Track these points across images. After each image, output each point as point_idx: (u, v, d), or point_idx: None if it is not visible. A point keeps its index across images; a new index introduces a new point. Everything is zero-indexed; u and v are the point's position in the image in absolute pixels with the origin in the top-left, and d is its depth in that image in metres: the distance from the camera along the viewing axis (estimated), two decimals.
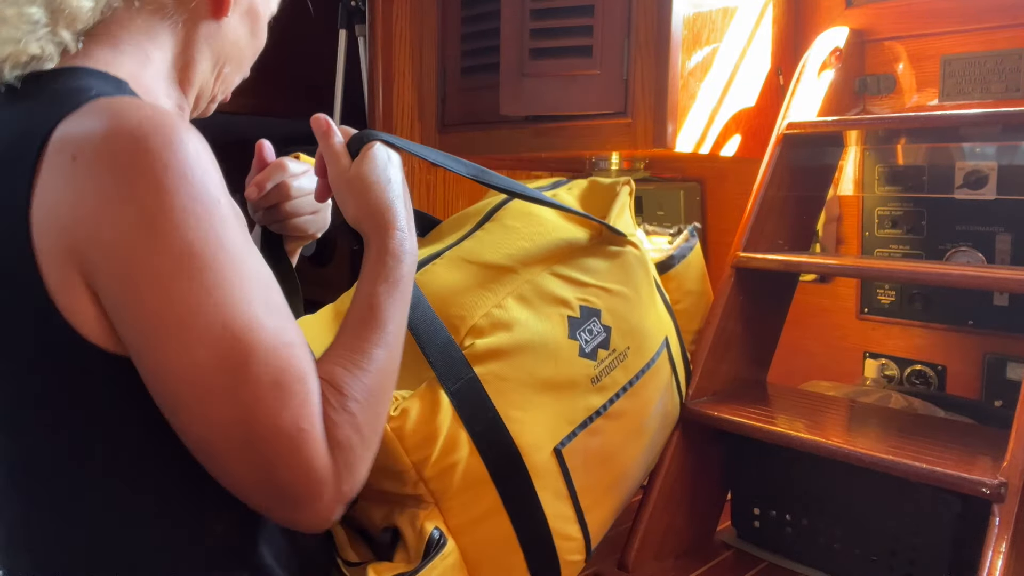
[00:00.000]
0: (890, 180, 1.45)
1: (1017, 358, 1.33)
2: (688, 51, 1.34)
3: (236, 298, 0.64)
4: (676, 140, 1.34)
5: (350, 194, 0.83)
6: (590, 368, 0.95)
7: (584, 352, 0.94)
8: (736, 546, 1.25)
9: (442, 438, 0.84)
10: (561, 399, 0.92)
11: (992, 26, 1.33)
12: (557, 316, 0.94)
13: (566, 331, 0.94)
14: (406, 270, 0.79)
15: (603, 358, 0.97)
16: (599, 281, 1.01)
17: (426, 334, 0.86)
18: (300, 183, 0.98)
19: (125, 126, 0.63)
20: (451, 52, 1.66)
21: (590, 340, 0.96)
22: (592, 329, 0.96)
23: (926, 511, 1.02)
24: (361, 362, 0.70)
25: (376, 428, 0.70)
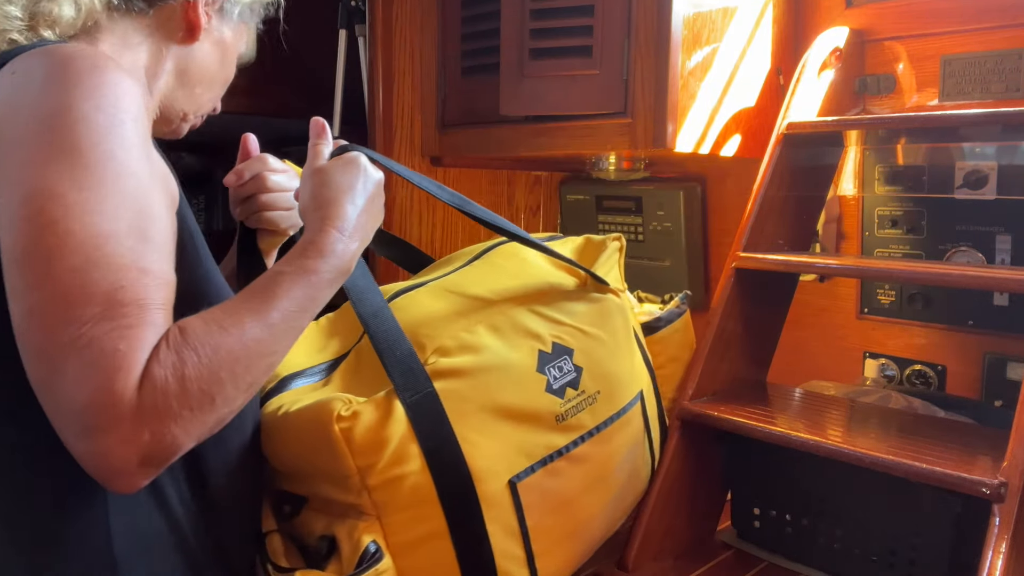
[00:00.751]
0: (890, 180, 1.45)
1: (1017, 358, 1.32)
2: (688, 51, 1.34)
3: (104, 207, 0.65)
4: (676, 140, 1.34)
5: (308, 185, 0.84)
6: (556, 405, 0.93)
7: (551, 388, 0.93)
8: (736, 546, 1.25)
9: (392, 447, 0.82)
10: (522, 431, 0.90)
11: (992, 26, 1.33)
12: (527, 348, 0.93)
13: (535, 364, 0.92)
14: (325, 267, 0.76)
15: (571, 397, 0.95)
16: (576, 322, 1.00)
17: (385, 343, 0.85)
18: (278, 178, 1.00)
19: (60, 51, 0.72)
20: (451, 52, 1.66)
21: (559, 377, 0.94)
22: (563, 366, 0.95)
23: (926, 511, 1.02)
24: (225, 322, 0.67)
25: (208, 392, 0.64)
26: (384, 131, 1.68)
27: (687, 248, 1.70)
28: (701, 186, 1.72)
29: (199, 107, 0.96)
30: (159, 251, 0.68)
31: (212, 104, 0.99)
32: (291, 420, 0.85)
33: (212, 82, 0.95)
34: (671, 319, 1.21)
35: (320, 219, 0.80)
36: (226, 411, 0.68)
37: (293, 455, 0.88)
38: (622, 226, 1.80)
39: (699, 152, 1.40)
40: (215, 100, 0.99)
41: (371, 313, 0.86)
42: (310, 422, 0.82)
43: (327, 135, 0.90)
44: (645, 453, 1.12)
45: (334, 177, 0.83)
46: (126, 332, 0.61)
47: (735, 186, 1.66)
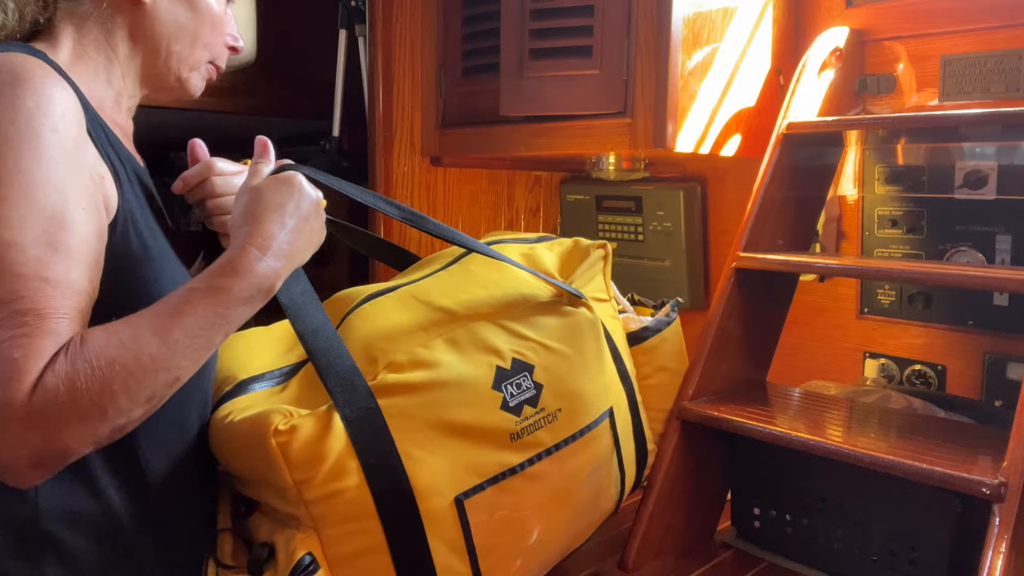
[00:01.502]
0: (890, 180, 1.45)
1: (1017, 358, 1.32)
2: (688, 51, 1.34)
3: (9, 217, 0.67)
4: (676, 140, 1.34)
5: (239, 203, 0.83)
6: (511, 423, 0.91)
7: (507, 406, 0.91)
8: (736, 546, 1.25)
9: (329, 462, 0.81)
10: (472, 448, 0.88)
11: (992, 26, 1.33)
12: (485, 364, 0.91)
13: (491, 380, 0.91)
14: (239, 286, 0.76)
15: (528, 415, 0.92)
16: (541, 337, 0.97)
17: (325, 359, 0.84)
18: (226, 181, 0.97)
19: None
20: (451, 52, 1.66)
21: (516, 394, 0.92)
22: (521, 383, 0.93)
23: (926, 511, 1.02)
24: (125, 336, 0.69)
25: (99, 403, 0.67)
26: (384, 131, 1.68)
27: (687, 248, 1.70)
28: (701, 186, 1.72)
29: (192, 62, 0.94)
30: (70, 260, 0.70)
31: (210, 53, 0.95)
32: (234, 429, 0.85)
33: (193, 34, 0.92)
34: (659, 328, 1.17)
35: (243, 236, 0.79)
36: (121, 421, 0.69)
37: (237, 463, 0.89)
38: (622, 226, 1.80)
39: (699, 152, 1.40)
40: (213, 47, 0.95)
41: (311, 330, 0.85)
42: (249, 434, 0.83)
43: (269, 154, 0.90)
44: (613, 471, 1.07)
45: (265, 195, 0.82)
46: (22, 341, 0.64)
47: (735, 186, 1.66)
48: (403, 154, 1.71)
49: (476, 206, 1.84)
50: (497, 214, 1.88)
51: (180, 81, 0.94)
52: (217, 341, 0.76)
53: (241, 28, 1.74)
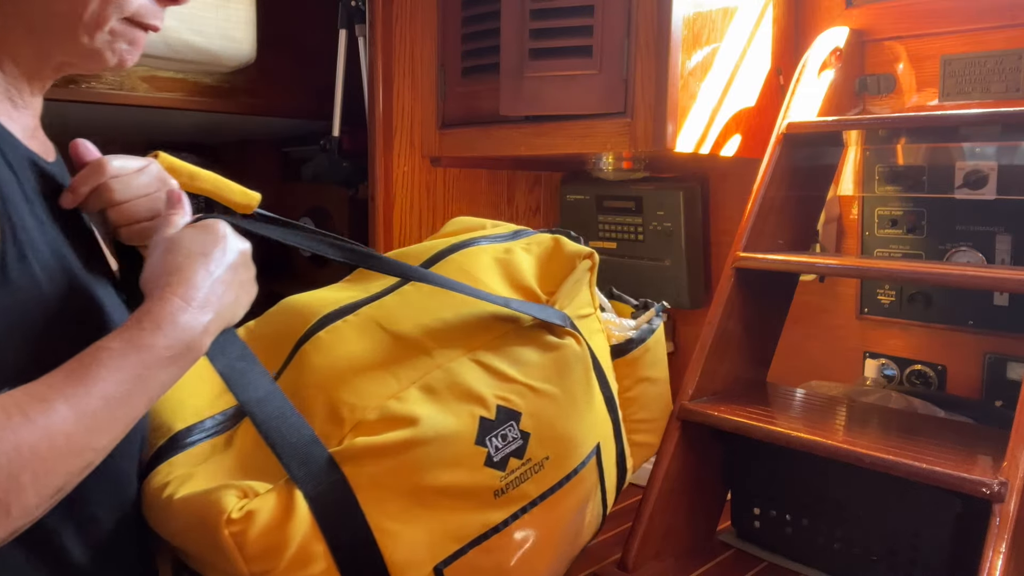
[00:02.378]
0: (890, 180, 1.45)
1: (1017, 358, 1.32)
2: (688, 51, 1.34)
3: None
4: (676, 140, 1.34)
5: (154, 254, 0.72)
6: (495, 480, 0.81)
7: (492, 461, 0.81)
8: (736, 546, 1.25)
9: (292, 550, 0.71)
10: (453, 512, 0.79)
11: (992, 26, 1.33)
12: (468, 416, 0.81)
13: (474, 435, 0.80)
14: (163, 342, 0.64)
15: (514, 468, 0.83)
16: (526, 377, 0.86)
17: (277, 432, 0.73)
18: (126, 183, 0.79)
19: None
20: (451, 52, 1.66)
21: (502, 447, 0.82)
22: (507, 434, 0.82)
23: (926, 511, 1.02)
24: (31, 410, 0.56)
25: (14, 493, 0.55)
26: (384, 131, 1.68)
27: (687, 248, 1.70)
28: (701, 186, 1.71)
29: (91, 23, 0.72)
30: None
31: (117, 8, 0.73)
32: (177, 510, 0.74)
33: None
34: (643, 338, 1.09)
35: (160, 287, 0.67)
36: (22, 523, 0.57)
37: (181, 542, 0.77)
38: (622, 226, 1.80)
39: (699, 152, 1.40)
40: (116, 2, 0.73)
41: (255, 400, 0.73)
42: (197, 519, 0.72)
43: (183, 207, 0.78)
44: (597, 506, 0.99)
45: (184, 243, 0.71)
46: None
47: (735, 186, 1.66)
48: (403, 154, 1.71)
49: (476, 206, 1.84)
50: (497, 214, 1.88)
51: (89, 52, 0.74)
52: (137, 412, 0.64)
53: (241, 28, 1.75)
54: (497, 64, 1.49)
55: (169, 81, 1.76)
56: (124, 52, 0.76)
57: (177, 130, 2.37)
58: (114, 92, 1.69)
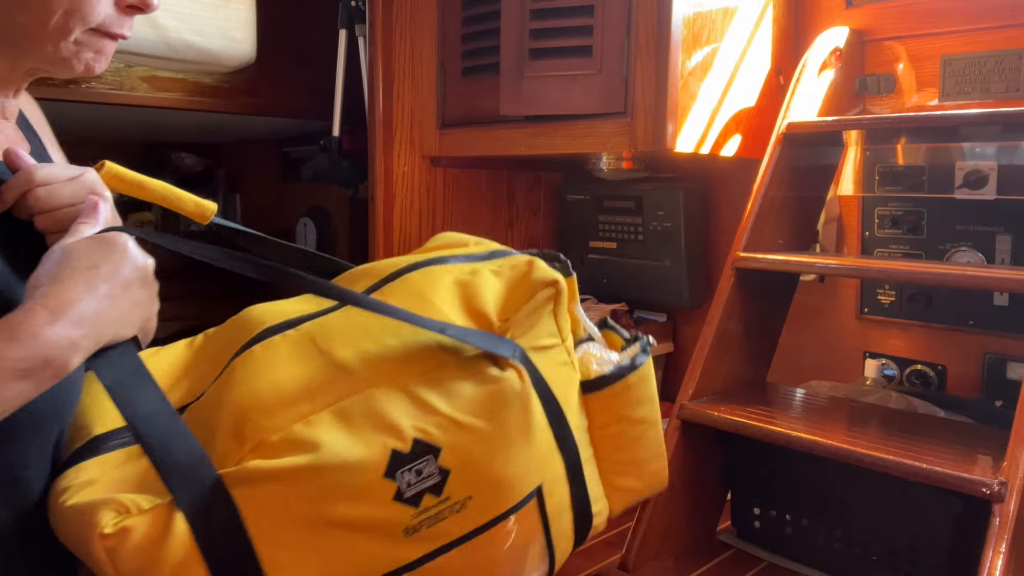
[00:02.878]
0: (890, 180, 1.45)
1: (1017, 358, 1.32)
2: (688, 51, 1.34)
3: None
4: (676, 140, 1.34)
5: (44, 263, 0.71)
6: (406, 516, 0.75)
7: (402, 496, 0.75)
8: (736, 546, 1.25)
9: (168, 570, 0.68)
10: (356, 547, 0.75)
11: (992, 26, 1.33)
12: (378, 446, 0.75)
13: (384, 467, 0.75)
14: (16, 355, 0.62)
15: (428, 506, 0.77)
16: (453, 410, 0.80)
17: (162, 449, 0.70)
18: (54, 191, 0.78)
19: None
20: (451, 52, 1.66)
21: (415, 483, 0.76)
22: (422, 469, 0.76)
23: (926, 511, 1.02)
24: None
25: None
26: (384, 131, 1.68)
27: (687, 248, 1.70)
28: (701, 186, 1.72)
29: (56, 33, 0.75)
30: None
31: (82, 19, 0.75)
32: (64, 517, 0.72)
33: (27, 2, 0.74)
34: (620, 375, 0.98)
35: (36, 297, 0.66)
36: None
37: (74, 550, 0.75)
38: (622, 226, 1.80)
39: (699, 152, 1.40)
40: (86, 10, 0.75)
41: (143, 417, 0.72)
42: (76, 530, 0.71)
43: (95, 217, 0.77)
44: (537, 553, 0.90)
45: (76, 255, 0.70)
46: None
47: (735, 186, 1.66)
48: (403, 154, 1.71)
49: (476, 206, 1.84)
50: (497, 214, 1.88)
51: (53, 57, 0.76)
52: None
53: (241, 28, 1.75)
54: (497, 64, 1.49)
55: (169, 81, 1.76)
56: (91, 60, 0.78)
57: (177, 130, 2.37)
58: (114, 92, 1.69)
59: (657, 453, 1.00)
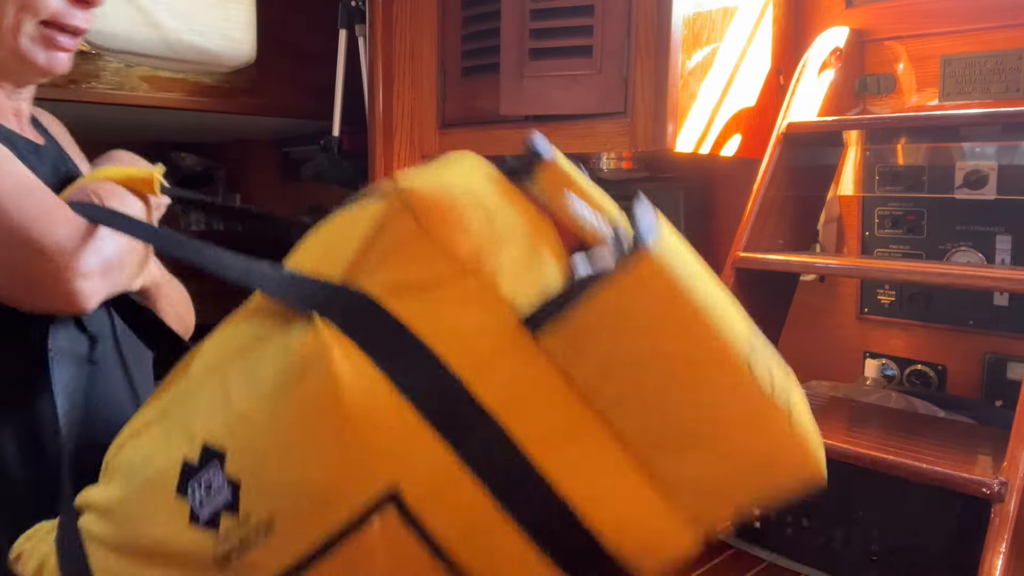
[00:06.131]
0: (890, 180, 1.45)
1: (1017, 358, 1.32)
2: (688, 51, 1.34)
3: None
4: (676, 140, 1.34)
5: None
6: (208, 543, 0.58)
7: (197, 518, 0.59)
8: (736, 546, 1.25)
9: None
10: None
11: (992, 26, 1.33)
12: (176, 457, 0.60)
13: (174, 483, 0.60)
14: None
15: (229, 529, 0.58)
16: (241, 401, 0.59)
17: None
18: None
19: None
20: (451, 52, 1.66)
21: (206, 500, 0.58)
22: (211, 482, 0.58)
23: (926, 511, 1.02)
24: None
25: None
26: (384, 131, 1.68)
27: None
28: (701, 186, 1.71)
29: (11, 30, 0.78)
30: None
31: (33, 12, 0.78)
32: None
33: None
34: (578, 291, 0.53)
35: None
36: None
37: None
38: None
39: (699, 152, 1.40)
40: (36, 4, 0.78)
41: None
42: None
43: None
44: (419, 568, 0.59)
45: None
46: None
47: (735, 186, 1.66)
48: (403, 154, 1.71)
49: None
50: None
51: (16, 56, 0.80)
52: None
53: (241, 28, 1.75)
54: (497, 64, 1.49)
55: (169, 81, 1.76)
56: (50, 55, 0.81)
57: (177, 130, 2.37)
58: (114, 92, 1.69)
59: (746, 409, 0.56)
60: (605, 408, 0.55)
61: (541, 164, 0.59)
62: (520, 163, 0.59)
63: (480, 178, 0.59)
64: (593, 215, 0.60)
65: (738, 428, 0.56)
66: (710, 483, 0.58)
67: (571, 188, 0.60)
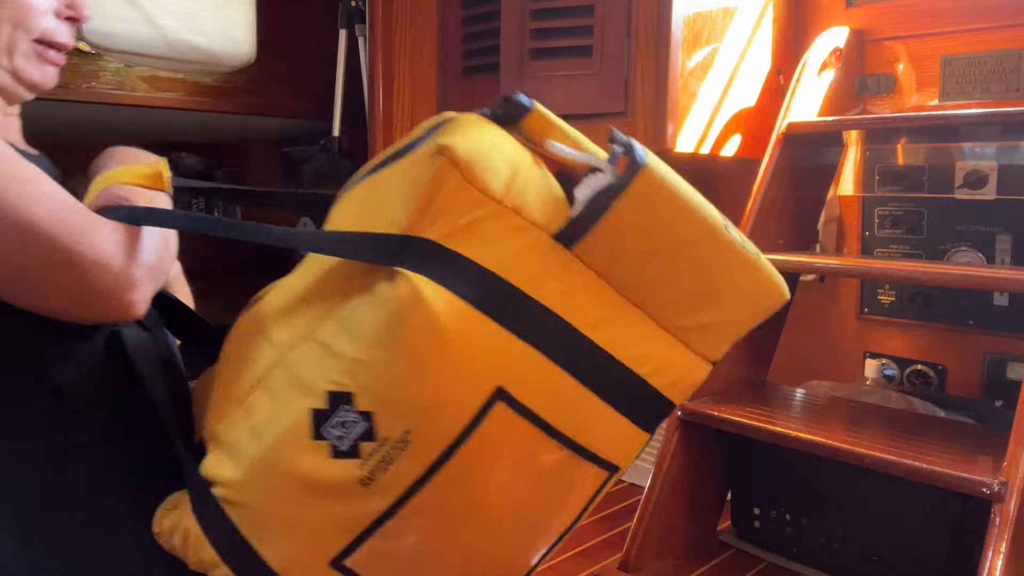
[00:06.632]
0: (890, 180, 1.45)
1: (1017, 358, 1.32)
2: (688, 51, 1.34)
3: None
4: (676, 140, 1.34)
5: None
6: (352, 469, 0.73)
7: (339, 451, 0.74)
8: (736, 546, 1.25)
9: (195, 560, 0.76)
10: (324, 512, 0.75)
11: (992, 26, 1.33)
12: (300, 410, 0.74)
13: (310, 429, 0.74)
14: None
15: (370, 452, 0.74)
16: (353, 350, 0.73)
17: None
18: None
19: None
20: (451, 52, 1.66)
21: (344, 435, 0.74)
22: (344, 420, 0.74)
23: (926, 511, 1.02)
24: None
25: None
26: (384, 131, 1.68)
27: None
28: (701, 186, 1.71)
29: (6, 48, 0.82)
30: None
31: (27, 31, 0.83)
32: None
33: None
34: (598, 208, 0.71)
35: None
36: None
37: None
38: None
39: (699, 152, 1.40)
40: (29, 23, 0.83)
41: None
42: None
43: None
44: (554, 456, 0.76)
45: None
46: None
47: (735, 186, 1.66)
48: None
49: None
50: None
51: (12, 74, 0.84)
52: None
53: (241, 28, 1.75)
54: (497, 64, 1.49)
55: (169, 81, 1.76)
56: (42, 71, 0.86)
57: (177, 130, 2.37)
58: (114, 92, 1.69)
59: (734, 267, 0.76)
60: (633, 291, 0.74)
61: (526, 113, 0.76)
62: (505, 111, 0.75)
63: (490, 129, 0.75)
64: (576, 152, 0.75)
65: (730, 280, 0.77)
66: (717, 326, 0.78)
67: (553, 132, 0.76)
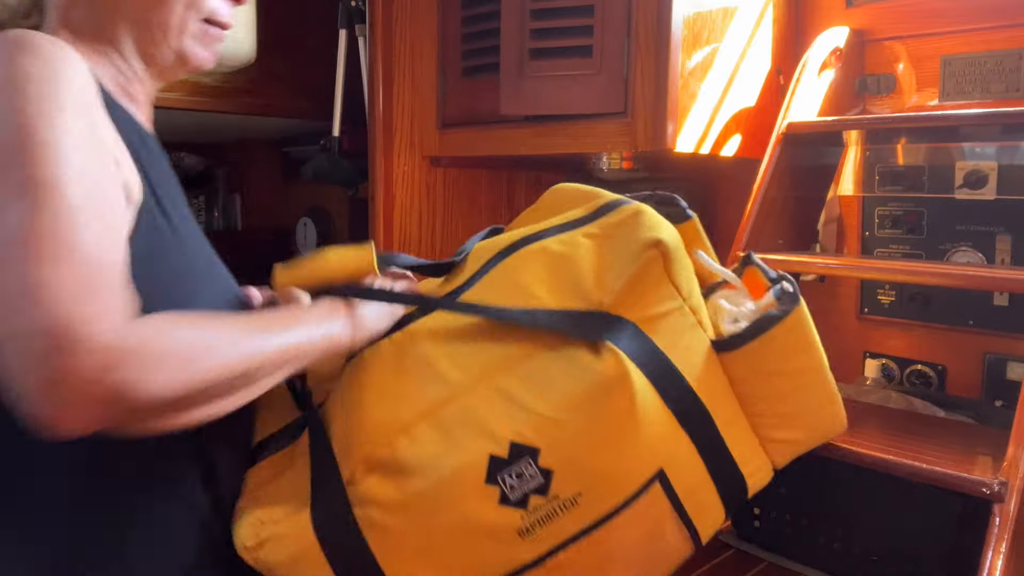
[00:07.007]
0: (890, 180, 1.45)
1: (1017, 358, 1.32)
2: (688, 51, 1.34)
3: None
4: (676, 140, 1.34)
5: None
6: (515, 518, 0.76)
7: (508, 500, 0.76)
8: (736, 546, 1.25)
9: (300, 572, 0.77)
10: (471, 550, 0.76)
11: (992, 26, 1.33)
12: (476, 452, 0.76)
13: (483, 474, 0.76)
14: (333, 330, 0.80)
15: (537, 506, 0.76)
16: (547, 408, 0.77)
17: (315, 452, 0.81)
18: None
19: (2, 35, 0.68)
20: (451, 52, 1.66)
21: (518, 486, 0.75)
22: (523, 473, 0.76)
23: (926, 511, 1.02)
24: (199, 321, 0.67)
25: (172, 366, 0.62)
26: (384, 131, 1.68)
27: None
28: (701, 186, 1.72)
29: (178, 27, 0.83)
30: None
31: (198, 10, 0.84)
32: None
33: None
34: (758, 331, 0.86)
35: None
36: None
37: None
38: None
39: (699, 152, 1.40)
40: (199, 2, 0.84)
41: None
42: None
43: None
44: (675, 531, 0.86)
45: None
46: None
47: (735, 186, 1.66)
48: (403, 154, 1.71)
49: (476, 206, 1.84)
50: (497, 214, 1.88)
51: (178, 54, 0.85)
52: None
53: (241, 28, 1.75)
54: (497, 64, 1.49)
55: None
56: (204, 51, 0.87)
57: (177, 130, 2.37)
58: None
59: (824, 400, 0.92)
60: (746, 400, 0.88)
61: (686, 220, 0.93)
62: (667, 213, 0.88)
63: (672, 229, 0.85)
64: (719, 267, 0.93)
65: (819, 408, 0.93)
66: (795, 444, 0.93)
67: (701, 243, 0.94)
